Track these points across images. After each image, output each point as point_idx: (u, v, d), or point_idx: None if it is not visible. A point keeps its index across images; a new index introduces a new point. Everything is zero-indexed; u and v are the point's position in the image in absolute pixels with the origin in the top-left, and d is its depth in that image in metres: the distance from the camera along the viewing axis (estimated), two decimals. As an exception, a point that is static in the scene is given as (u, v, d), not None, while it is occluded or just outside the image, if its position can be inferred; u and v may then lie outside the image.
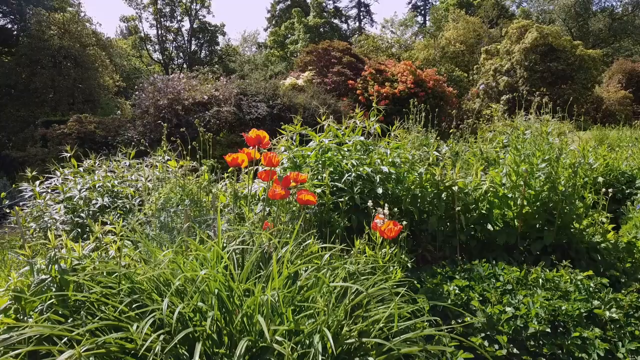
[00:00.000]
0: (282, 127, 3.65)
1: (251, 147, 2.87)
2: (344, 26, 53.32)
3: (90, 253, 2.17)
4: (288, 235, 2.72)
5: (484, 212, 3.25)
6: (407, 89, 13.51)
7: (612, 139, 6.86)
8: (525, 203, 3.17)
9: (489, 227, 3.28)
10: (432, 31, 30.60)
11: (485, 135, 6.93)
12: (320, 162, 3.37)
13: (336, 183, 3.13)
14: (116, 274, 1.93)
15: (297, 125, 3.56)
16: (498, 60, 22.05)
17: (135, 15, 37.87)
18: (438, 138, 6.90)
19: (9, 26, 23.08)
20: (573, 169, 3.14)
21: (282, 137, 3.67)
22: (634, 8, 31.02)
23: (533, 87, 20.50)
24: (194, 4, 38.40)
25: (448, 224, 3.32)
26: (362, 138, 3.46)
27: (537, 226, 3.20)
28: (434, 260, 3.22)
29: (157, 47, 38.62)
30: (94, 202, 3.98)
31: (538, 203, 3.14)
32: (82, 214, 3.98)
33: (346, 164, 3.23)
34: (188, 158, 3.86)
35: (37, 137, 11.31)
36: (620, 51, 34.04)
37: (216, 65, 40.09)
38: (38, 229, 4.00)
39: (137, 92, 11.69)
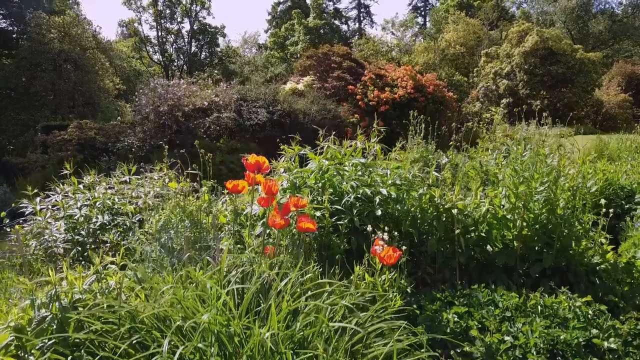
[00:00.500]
0: (282, 148, 3.66)
1: (250, 172, 2.87)
2: (344, 27, 53.34)
3: (91, 285, 2.18)
4: (288, 264, 2.73)
5: (483, 234, 3.26)
6: (407, 94, 13.52)
7: (611, 150, 6.86)
8: (525, 225, 3.18)
9: (489, 248, 3.29)
10: (432, 33, 30.55)
11: (485, 146, 6.94)
12: (320, 183, 3.38)
13: (336, 206, 3.13)
14: (117, 309, 1.94)
15: (295, 146, 3.57)
16: (498, 64, 22.08)
17: (135, 18, 37.93)
18: (438, 150, 6.92)
19: (9, 29, 23.09)
20: (572, 191, 3.15)
21: (281, 158, 3.68)
22: (634, 10, 31.02)
23: (533, 91, 20.53)
24: (194, 6, 38.40)
25: (448, 245, 3.33)
26: (362, 160, 3.46)
27: (536, 248, 3.21)
28: (434, 282, 3.23)
29: (157, 48, 38.64)
30: (94, 220, 3.99)
31: (537, 226, 3.15)
32: (82, 232, 3.99)
33: (345, 185, 3.24)
34: (189, 178, 3.86)
35: (38, 143, 11.31)
36: (620, 52, 34.06)
37: (217, 67, 40.11)
38: (39, 246, 4.02)
39: (137, 98, 11.71)
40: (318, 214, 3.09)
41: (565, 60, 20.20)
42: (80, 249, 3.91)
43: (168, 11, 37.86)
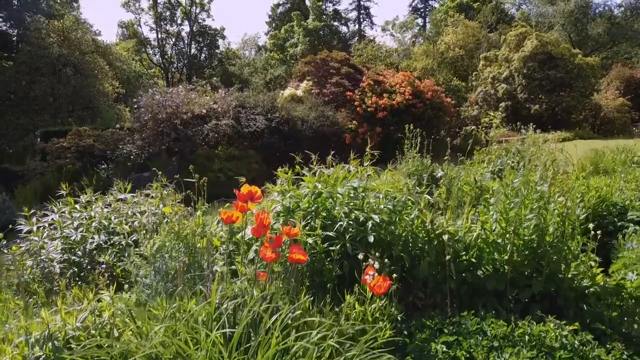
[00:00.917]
0: (277, 171, 3.70)
1: (243, 202, 2.91)
2: (344, 29, 53.39)
3: (85, 321, 2.22)
4: (281, 292, 2.77)
5: (473, 260, 3.30)
6: (405, 100, 13.57)
7: (606, 163, 6.91)
8: (515, 250, 3.22)
9: (479, 272, 3.33)
10: (432, 36, 30.59)
11: (482, 157, 6.99)
12: (313, 207, 3.42)
13: (328, 233, 3.17)
14: (110, 350, 1.98)
15: (289, 170, 3.61)
16: (497, 68, 22.11)
17: (135, 20, 37.99)
18: (434, 163, 6.96)
19: (9, 31, 23.13)
20: (561, 217, 3.20)
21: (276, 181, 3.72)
22: (633, 13, 31.06)
23: (532, 95, 20.57)
24: (194, 8, 38.45)
25: (439, 269, 3.37)
26: (355, 184, 3.50)
27: (526, 273, 3.25)
28: (425, 307, 3.27)
29: (157, 50, 38.70)
30: (90, 240, 4.03)
31: (526, 252, 3.19)
32: (78, 252, 4.03)
33: (338, 211, 3.28)
34: (184, 194, 3.89)
35: (37, 150, 11.36)
36: (619, 54, 34.09)
37: (216, 69, 40.17)
38: (35, 266, 4.06)
39: (135, 105, 11.74)
40: (310, 240, 3.13)
41: (563, 64, 20.24)
42: (76, 269, 3.95)
43: (168, 13, 37.92)
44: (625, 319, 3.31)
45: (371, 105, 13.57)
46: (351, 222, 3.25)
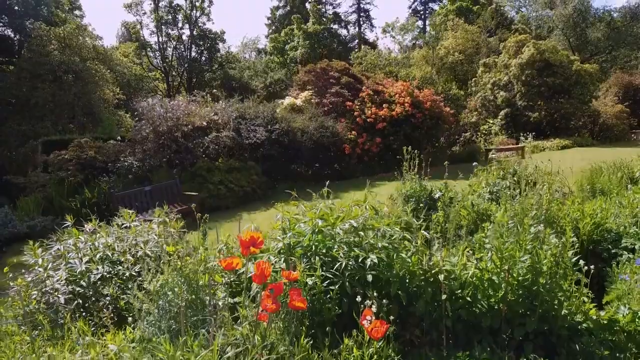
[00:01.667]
0: (275, 204, 3.77)
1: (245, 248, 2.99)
2: (344, 32, 53.53)
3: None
4: (280, 335, 2.86)
5: (469, 299, 3.38)
6: (404, 110, 13.65)
7: (603, 183, 6.99)
8: (509, 290, 3.30)
9: (475, 309, 3.41)
10: (431, 41, 30.70)
11: (480, 179, 7.07)
12: (313, 245, 3.50)
13: (327, 274, 3.26)
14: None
15: (292, 204, 3.69)
16: (496, 74, 22.20)
17: (136, 23, 38.10)
18: (430, 177, 7.04)
19: (10, 35, 23.17)
20: (554, 258, 3.28)
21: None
22: (632, 18, 31.14)
23: (530, 102, 20.66)
24: (194, 12, 38.53)
25: (436, 306, 3.45)
26: (354, 223, 3.59)
27: (520, 312, 3.33)
28: (421, 344, 3.35)
29: (157, 54, 38.79)
30: (94, 272, 4.10)
31: (520, 291, 3.28)
32: (82, 283, 4.11)
33: (337, 251, 3.37)
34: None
35: (39, 162, 11.43)
36: (619, 59, 34.17)
37: (217, 72, 40.24)
38: (40, 297, 4.13)
39: (137, 119, 11.82)
40: (310, 282, 3.22)
41: (562, 71, 20.32)
42: (81, 301, 4.03)
43: (169, 17, 38.00)
44: (617, 354, 3.39)
45: (370, 116, 13.65)
46: (350, 262, 3.33)
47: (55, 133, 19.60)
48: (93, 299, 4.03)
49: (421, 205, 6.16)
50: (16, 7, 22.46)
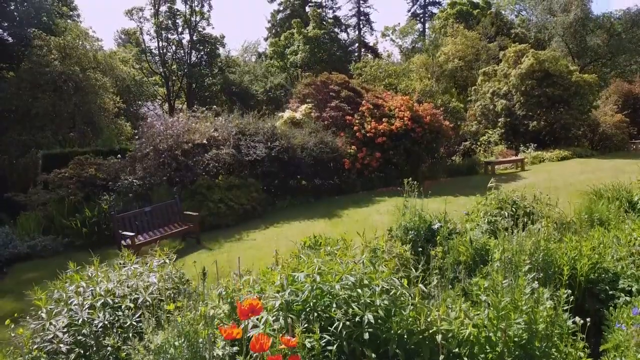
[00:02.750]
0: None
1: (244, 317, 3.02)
2: (344, 35, 53.58)
3: None
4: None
5: (466, 359, 3.42)
6: (404, 125, 13.70)
7: (601, 212, 7.01)
8: (506, 351, 3.34)
9: (472, 366, 3.45)
10: (431, 49, 30.75)
11: (479, 208, 7.09)
12: (312, 302, 3.54)
13: (325, 335, 3.30)
14: None
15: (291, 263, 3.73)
16: (496, 84, 22.24)
17: (137, 28, 38.15)
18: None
19: (10, 40, 23.13)
20: (551, 319, 3.31)
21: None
22: (632, 25, 31.18)
23: (530, 112, 20.70)
24: (194, 17, 38.58)
25: (433, 363, 3.49)
26: (352, 279, 3.62)
27: (517, 371, 3.37)
28: (419, 404, 3.39)
29: (157, 59, 38.81)
30: (95, 322, 4.14)
31: (517, 352, 3.31)
32: (84, 332, 4.15)
33: (335, 311, 3.40)
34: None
35: (39, 181, 11.47)
36: (619, 65, 34.22)
37: (217, 77, 40.28)
38: (41, 344, 4.17)
39: (137, 137, 11.86)
40: (309, 345, 3.25)
41: (561, 82, 20.35)
42: (82, 350, 4.06)
43: (169, 22, 38.04)
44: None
45: (370, 131, 13.69)
46: (347, 323, 3.37)
47: (56, 143, 19.66)
48: (95, 348, 4.07)
49: (420, 237, 6.20)
50: (16, 13, 22.48)
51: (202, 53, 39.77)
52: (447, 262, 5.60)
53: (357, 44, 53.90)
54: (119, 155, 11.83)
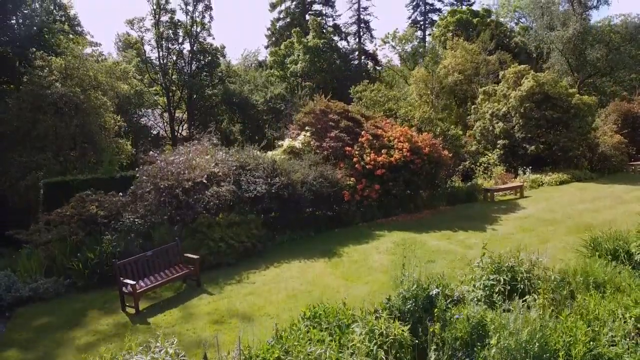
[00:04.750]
0: None
1: None
2: (344, 43, 53.63)
3: None
4: None
5: None
6: (403, 157, 13.79)
7: (597, 274, 7.10)
8: None
9: None
10: (430, 65, 30.85)
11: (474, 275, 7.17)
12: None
13: None
14: None
15: None
16: (495, 104, 22.33)
17: (138, 38, 38.16)
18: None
19: (11, 54, 23.13)
20: None
21: None
22: (631, 39, 31.27)
23: (529, 134, 20.78)
24: (195, 27, 38.61)
25: None
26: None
27: None
28: None
29: (158, 69, 38.84)
30: None
31: None
32: None
33: None
34: None
35: (41, 219, 11.53)
36: (618, 79, 34.33)
37: (217, 87, 40.33)
38: None
39: (137, 175, 11.94)
40: None
41: (561, 104, 20.45)
42: None
43: (170, 32, 38.08)
44: None
45: (370, 162, 13.79)
46: None
47: (57, 164, 19.71)
48: None
49: (418, 306, 6.27)
50: (17, 33, 22.51)
51: (203, 63, 39.80)
52: (446, 336, 5.71)
53: (357, 52, 53.97)
54: (120, 193, 11.90)
